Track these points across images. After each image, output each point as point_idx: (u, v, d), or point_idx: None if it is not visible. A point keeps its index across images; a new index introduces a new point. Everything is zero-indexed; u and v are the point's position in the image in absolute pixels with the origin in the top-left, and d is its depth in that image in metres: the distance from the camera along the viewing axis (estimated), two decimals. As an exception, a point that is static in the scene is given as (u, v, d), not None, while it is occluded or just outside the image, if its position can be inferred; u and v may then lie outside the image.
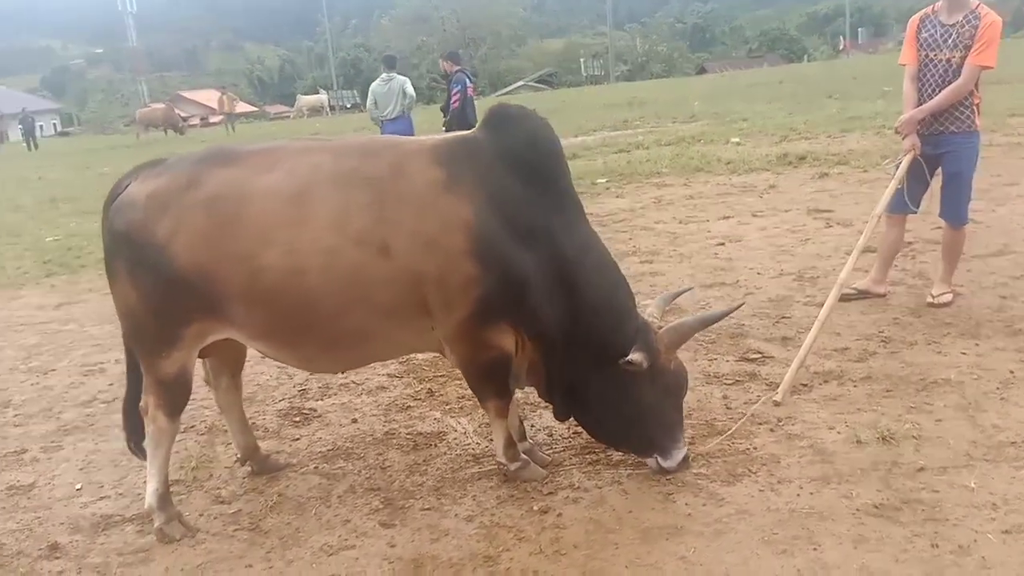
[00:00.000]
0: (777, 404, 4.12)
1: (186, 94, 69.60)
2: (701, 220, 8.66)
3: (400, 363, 5.09)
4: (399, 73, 11.95)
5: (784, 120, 16.86)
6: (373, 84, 11.93)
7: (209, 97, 65.58)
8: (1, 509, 3.73)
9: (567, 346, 3.36)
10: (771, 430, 3.92)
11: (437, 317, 3.22)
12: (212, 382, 3.75)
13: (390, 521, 3.36)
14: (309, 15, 69.37)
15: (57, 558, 3.29)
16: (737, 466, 3.58)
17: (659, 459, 3.43)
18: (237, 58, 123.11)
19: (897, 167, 5.16)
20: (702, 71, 60.27)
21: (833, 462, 3.55)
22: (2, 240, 11.39)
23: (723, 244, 7.55)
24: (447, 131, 11.92)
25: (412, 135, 11.53)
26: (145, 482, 3.45)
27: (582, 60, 66.27)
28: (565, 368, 3.41)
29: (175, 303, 3.16)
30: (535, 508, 3.37)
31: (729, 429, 3.89)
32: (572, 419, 3.66)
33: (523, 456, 3.61)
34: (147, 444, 3.40)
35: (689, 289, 5.12)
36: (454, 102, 11.85)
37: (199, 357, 3.52)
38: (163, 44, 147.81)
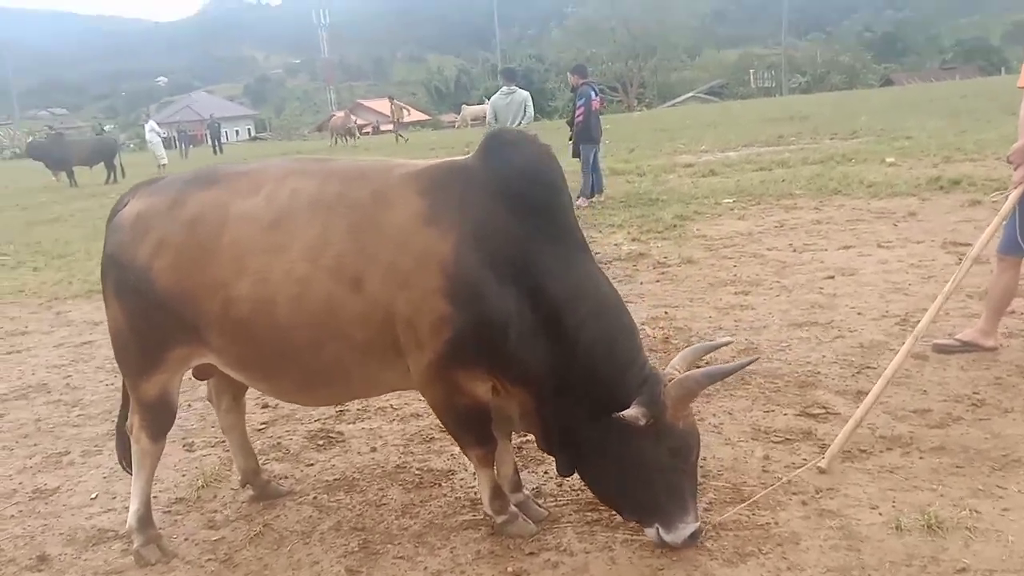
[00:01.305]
0: (821, 471, 3.63)
1: (365, 102, 72.91)
2: (818, 249, 7.98)
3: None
4: (520, 87, 11.82)
5: (952, 139, 15.43)
6: (494, 97, 11.90)
7: (385, 106, 68.65)
8: (19, 512, 3.86)
9: (560, 396, 3.05)
10: (803, 503, 3.44)
11: (409, 357, 3.02)
12: (214, 402, 3.72)
13: (357, 568, 3.19)
14: (489, 26, 70.99)
15: (40, 571, 3.34)
16: (748, 543, 3.16)
17: (660, 530, 3.04)
18: (420, 68, 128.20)
19: (1006, 200, 4.49)
20: (887, 83, 56.82)
21: (860, 551, 3.06)
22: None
23: (832, 277, 6.90)
24: (572, 144, 11.74)
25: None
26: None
27: (752, 72, 64.05)
28: (560, 419, 3.10)
29: (156, 326, 3.13)
30: (509, 570, 3.10)
31: (753, 496, 3.45)
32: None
33: (512, 509, 3.33)
34: (132, 464, 3.40)
35: (727, 342, 4.62)
36: (579, 116, 11.65)
37: (200, 378, 3.50)
38: (353, 55, 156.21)
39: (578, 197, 12.00)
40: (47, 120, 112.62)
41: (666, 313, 6.32)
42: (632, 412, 2.81)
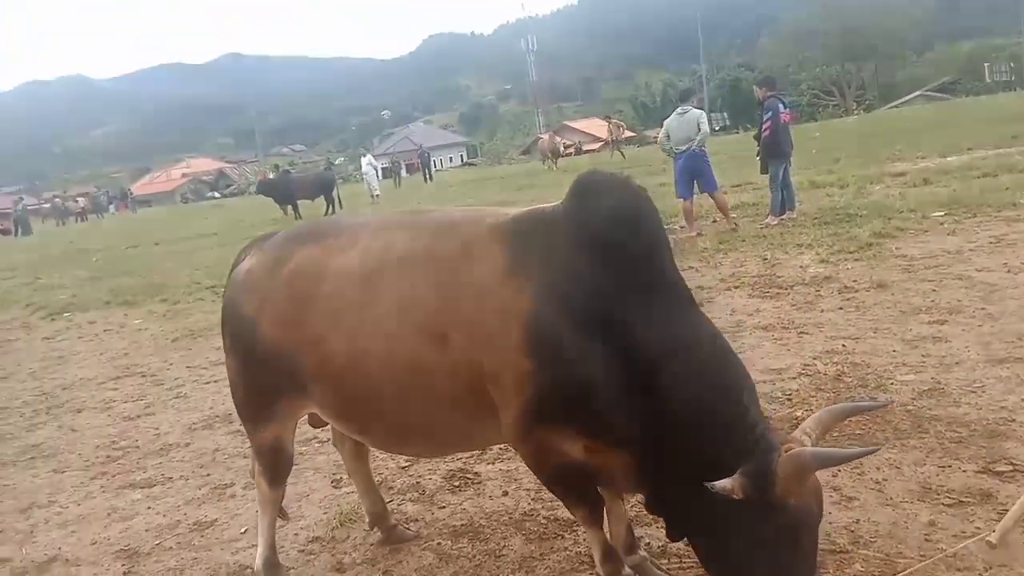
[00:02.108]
0: (992, 547, 3.13)
1: (571, 123, 73.97)
2: (1039, 269, 7.04)
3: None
4: (696, 107, 11.42)
5: None
6: (669, 118, 11.58)
7: (590, 125, 69.21)
8: (177, 544, 4.13)
9: (658, 459, 2.83)
10: (966, 583, 2.99)
11: (500, 412, 2.92)
12: (337, 445, 3.80)
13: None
14: (697, 38, 69.83)
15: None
16: None
17: None
18: (628, 85, 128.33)
19: None
20: None
21: (1025, 648, 2.59)
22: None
23: (1051, 304, 6.04)
24: (760, 159, 11.20)
25: (706, 169, 11.02)
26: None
27: (987, 65, 58.36)
28: (661, 482, 2.87)
29: (265, 378, 3.24)
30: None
31: (907, 570, 3.04)
32: None
33: (626, 572, 3.13)
34: (259, 508, 3.54)
35: (886, 404, 4.09)
36: (765, 129, 11.11)
37: (315, 426, 3.60)
38: (562, 76, 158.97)
39: (767, 215, 11.42)
40: (288, 157, 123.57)
41: (843, 346, 5.79)
42: (725, 484, 2.53)
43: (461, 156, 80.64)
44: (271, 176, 27.73)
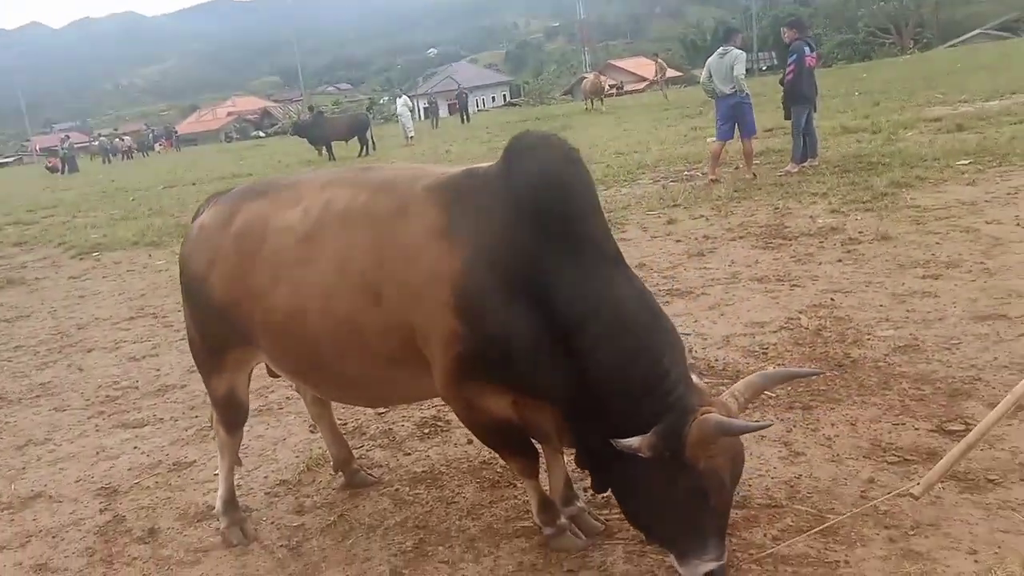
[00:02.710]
0: (915, 498, 3.14)
1: (616, 62, 72.52)
2: (1050, 222, 6.85)
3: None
4: (737, 47, 11.06)
5: None
6: (711, 58, 11.26)
7: (637, 65, 67.87)
8: (155, 484, 4.32)
9: (582, 415, 2.89)
10: (891, 539, 3.03)
11: (432, 369, 2.99)
12: (300, 392, 3.93)
13: (401, 568, 3.25)
14: (751, -28, 67.55)
15: (146, 543, 3.72)
16: None
17: (676, 562, 2.80)
18: (678, 23, 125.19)
19: None
20: None
21: (930, 607, 2.64)
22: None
23: (1053, 259, 5.91)
24: (783, 103, 10.95)
25: (748, 114, 10.77)
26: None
27: (1053, 0, 55.63)
28: (585, 437, 2.94)
29: (216, 330, 3.37)
30: (538, 585, 3.02)
31: (830, 524, 3.08)
32: None
33: (561, 523, 3.22)
34: (218, 452, 3.69)
35: (819, 373, 4.08)
36: (789, 73, 10.84)
37: (273, 375, 3.72)
38: (611, 14, 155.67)
39: (789, 163, 11.21)
40: (333, 95, 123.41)
41: (832, 300, 5.75)
42: (632, 442, 2.60)
43: (504, 96, 79.86)
44: (305, 118, 27.74)
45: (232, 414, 3.55)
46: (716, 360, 4.97)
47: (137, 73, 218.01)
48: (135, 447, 4.83)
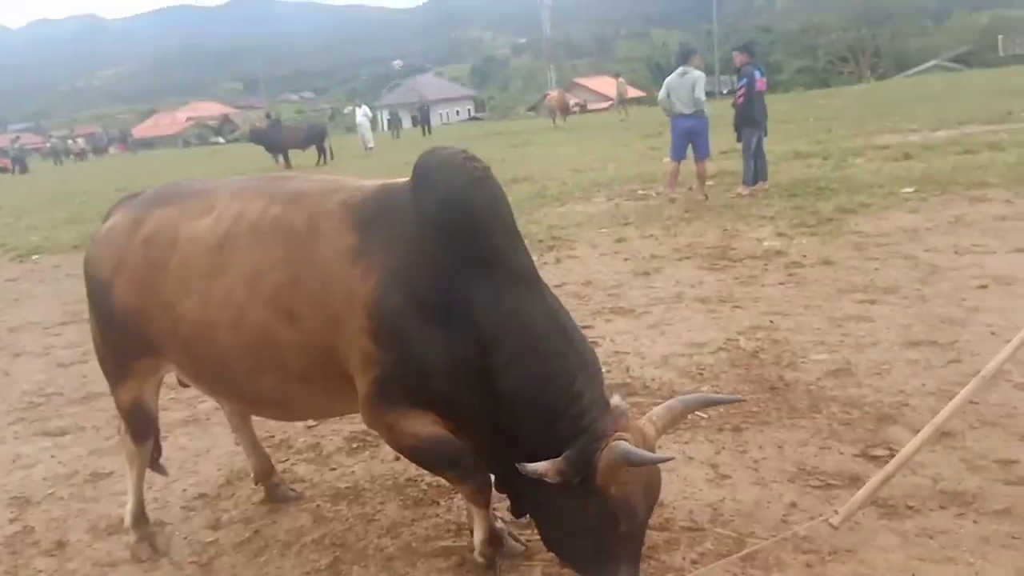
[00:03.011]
0: (833, 527, 3.13)
1: (583, 81, 73.08)
2: (985, 251, 6.98)
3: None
4: (696, 68, 11.16)
5: None
6: (669, 77, 11.33)
7: (600, 84, 68.39)
8: (69, 495, 4.16)
9: (499, 438, 2.81)
10: (807, 565, 3.01)
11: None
12: (220, 403, 3.81)
13: (311, 590, 3.16)
14: (713, -3, 68.53)
15: (53, 555, 3.58)
16: None
17: None
18: (644, 44, 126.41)
19: None
20: None
21: (842, 635, 2.62)
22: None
23: (985, 287, 6.00)
24: (735, 127, 11.07)
25: (706, 135, 10.85)
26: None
27: (1000, 37, 57.30)
28: (503, 461, 2.84)
29: (121, 338, 3.25)
30: (453, 610, 2.95)
31: (750, 551, 3.06)
32: None
33: (500, 564, 3.10)
34: (127, 464, 3.57)
35: (737, 399, 4.09)
36: (739, 97, 10.95)
37: (184, 385, 3.59)
38: (577, 32, 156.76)
39: (740, 185, 11.32)
40: (297, 104, 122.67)
41: (771, 322, 5.77)
42: (538, 467, 2.53)
43: (469, 110, 79.92)
44: (261, 125, 27.45)
45: (139, 424, 3.43)
46: (652, 380, 4.94)
47: (95, 76, 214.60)
48: (52, 456, 4.67)
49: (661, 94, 11.60)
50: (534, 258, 8.12)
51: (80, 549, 3.62)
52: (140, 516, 3.55)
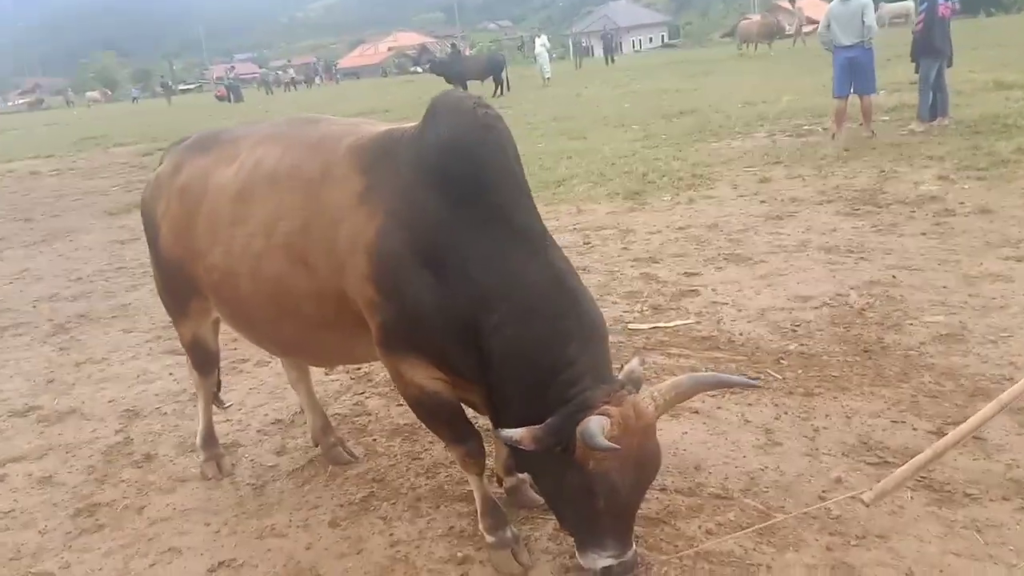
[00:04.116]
0: (864, 505, 2.89)
1: (785, 3, 68.45)
2: None
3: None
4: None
5: None
6: (832, 3, 10.45)
7: (810, 6, 63.73)
8: (172, 411, 4.57)
9: (495, 397, 2.75)
10: (827, 548, 2.83)
11: None
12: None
13: (340, 520, 3.30)
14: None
15: (139, 467, 3.95)
16: None
17: (577, 549, 2.66)
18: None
19: None
20: None
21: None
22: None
23: None
24: (912, 57, 10.11)
25: (871, 68, 10.02)
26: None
27: None
28: (502, 418, 2.73)
29: (172, 280, 3.45)
30: (459, 554, 3.02)
31: (767, 524, 2.91)
32: None
33: (507, 535, 2.95)
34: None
35: (755, 384, 3.56)
36: (918, 23, 9.93)
37: None
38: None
39: (914, 120, 10.35)
40: (494, 32, 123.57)
41: (893, 277, 5.32)
42: (513, 434, 2.46)
43: (663, 36, 77.38)
44: (442, 56, 27.92)
45: (200, 358, 3.66)
46: (740, 334, 4.72)
47: (310, 7, 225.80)
48: (171, 373, 5.13)
49: (821, 24, 10.69)
50: (667, 198, 7.94)
51: (163, 463, 3.98)
52: (208, 438, 3.84)
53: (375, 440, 3.99)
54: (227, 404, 4.27)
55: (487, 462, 3.08)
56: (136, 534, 3.36)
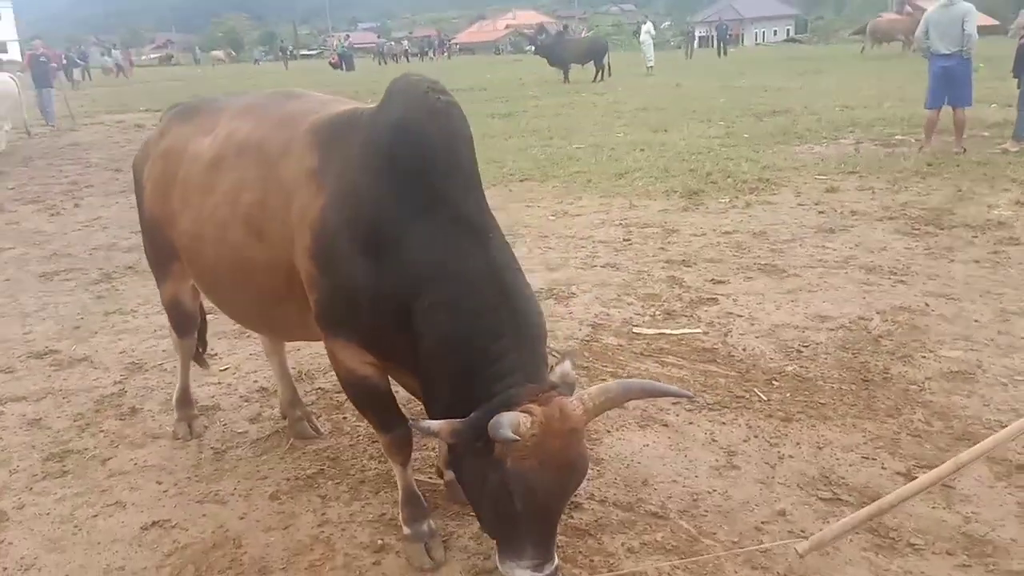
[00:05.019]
0: (799, 556, 2.76)
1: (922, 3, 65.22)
2: None
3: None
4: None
5: None
6: (929, 9, 9.88)
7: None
8: (173, 368, 4.66)
9: (425, 387, 2.71)
10: (745, 585, 2.71)
11: None
12: None
13: (281, 493, 3.35)
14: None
15: (121, 419, 4.09)
16: None
17: (496, 554, 2.56)
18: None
19: None
20: None
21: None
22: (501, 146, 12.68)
23: None
24: (1013, 72, 9.52)
25: (967, 79, 9.49)
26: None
27: None
28: (430, 410, 2.73)
29: (153, 240, 3.56)
30: (379, 541, 3.02)
31: (693, 559, 2.80)
32: None
33: (422, 528, 2.96)
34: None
35: (685, 395, 3.27)
36: (1022, 36, 9.28)
37: None
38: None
39: (1008, 139, 9.71)
40: (616, 16, 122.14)
41: (926, 304, 5.02)
42: (431, 426, 2.43)
43: (788, 30, 74.92)
44: (547, 38, 27.70)
45: (178, 319, 3.75)
46: (743, 349, 4.54)
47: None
48: (184, 331, 5.29)
49: (919, 30, 10.09)
50: (725, 200, 7.70)
51: (144, 419, 4.11)
52: (183, 399, 3.95)
53: (345, 419, 4.02)
54: (209, 365, 4.37)
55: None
56: (92, 484, 3.50)
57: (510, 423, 2.24)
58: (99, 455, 3.75)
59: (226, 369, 4.70)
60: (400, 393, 3.00)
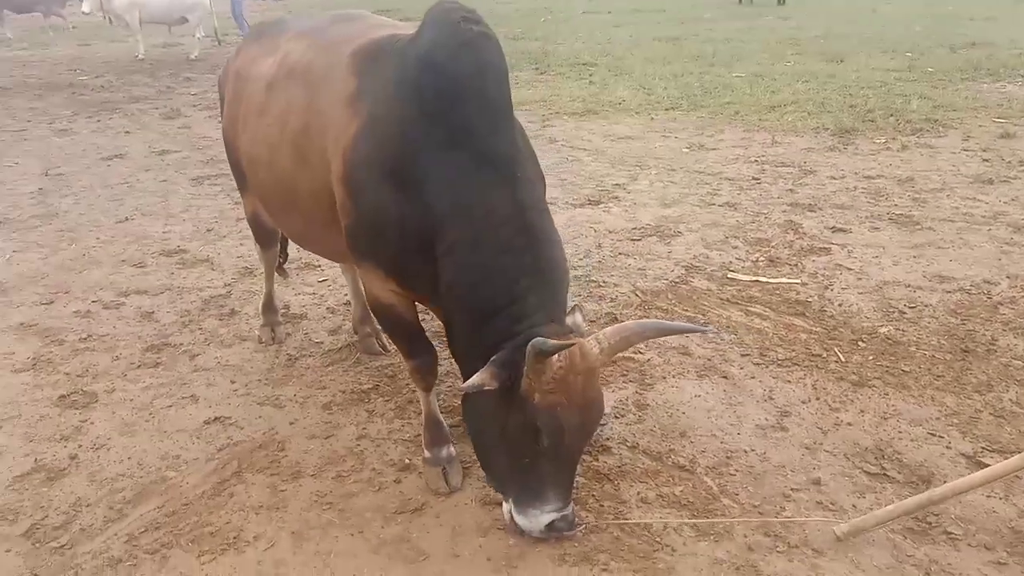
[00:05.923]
0: (838, 539, 2.61)
1: None
2: None
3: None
4: None
5: None
6: None
7: None
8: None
9: (447, 321, 2.72)
10: (748, 548, 2.61)
11: None
12: None
13: (334, 404, 3.53)
14: None
15: (221, 319, 4.42)
16: (626, 560, 2.60)
17: (513, 509, 2.59)
18: None
19: None
20: None
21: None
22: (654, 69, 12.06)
23: None
24: None
25: None
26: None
27: None
28: (453, 343, 2.75)
29: (230, 157, 3.68)
30: (405, 461, 3.13)
31: (694, 520, 2.73)
32: None
33: (443, 453, 3.02)
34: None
35: (702, 331, 2.92)
36: None
37: None
38: None
39: None
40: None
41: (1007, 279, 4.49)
42: (473, 382, 2.36)
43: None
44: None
45: (259, 232, 3.92)
46: (839, 305, 4.25)
47: None
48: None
49: None
50: (880, 141, 7.13)
51: (239, 320, 4.37)
52: (268, 306, 4.17)
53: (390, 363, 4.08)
54: (288, 275, 4.55)
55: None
56: (176, 377, 3.81)
57: (555, 344, 2.25)
58: (191, 351, 4.06)
59: (324, 280, 4.92)
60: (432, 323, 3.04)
